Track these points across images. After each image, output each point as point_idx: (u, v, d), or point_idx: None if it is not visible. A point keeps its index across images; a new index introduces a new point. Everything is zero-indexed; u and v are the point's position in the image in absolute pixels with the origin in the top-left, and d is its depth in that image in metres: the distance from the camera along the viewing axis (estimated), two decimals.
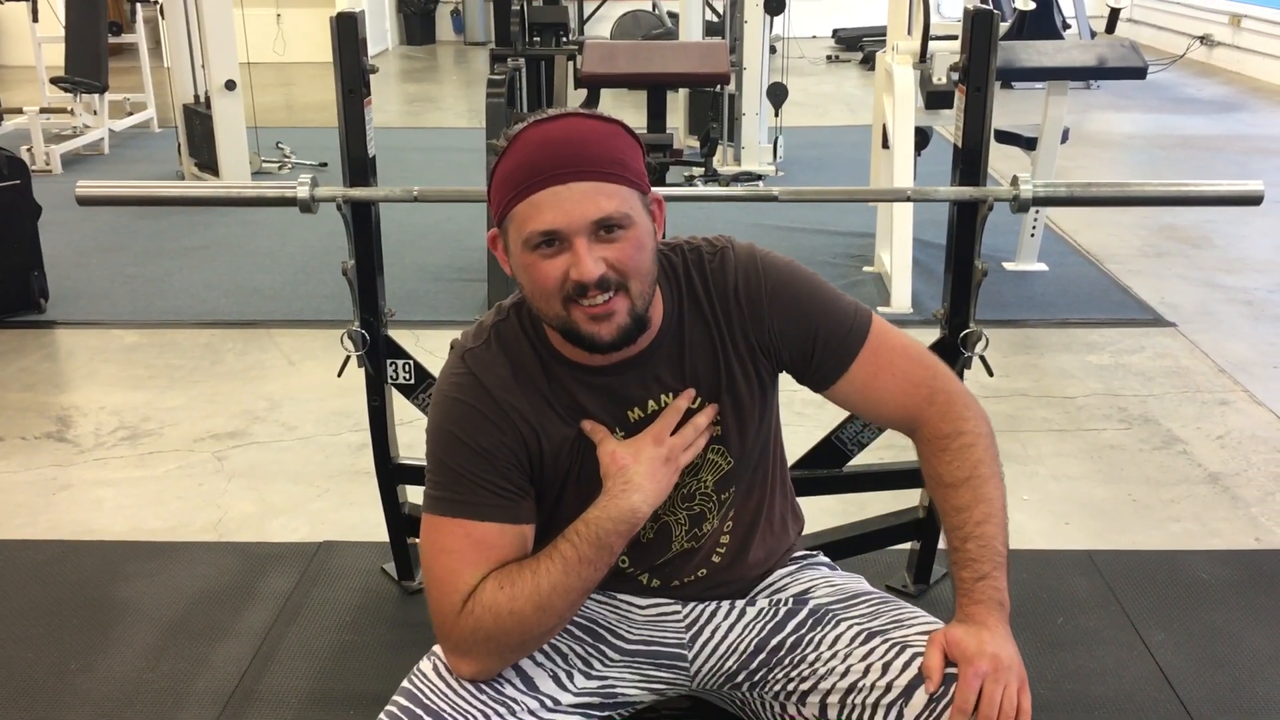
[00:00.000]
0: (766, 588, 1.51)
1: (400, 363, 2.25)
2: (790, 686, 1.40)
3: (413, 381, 2.25)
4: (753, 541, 1.49)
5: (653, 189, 1.35)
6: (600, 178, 1.26)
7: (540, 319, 1.36)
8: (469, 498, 1.33)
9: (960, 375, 2.18)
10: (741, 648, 1.45)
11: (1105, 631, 2.28)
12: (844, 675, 1.35)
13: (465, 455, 1.34)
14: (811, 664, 1.39)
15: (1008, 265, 4.60)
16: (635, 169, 1.30)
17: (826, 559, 1.60)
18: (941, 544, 2.37)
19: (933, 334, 2.23)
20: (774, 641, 1.43)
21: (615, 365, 1.37)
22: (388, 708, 1.31)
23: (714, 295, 1.41)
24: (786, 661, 1.41)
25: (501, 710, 1.32)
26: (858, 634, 1.38)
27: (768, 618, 1.45)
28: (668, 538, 1.45)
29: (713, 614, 1.47)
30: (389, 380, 2.26)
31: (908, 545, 2.43)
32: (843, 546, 2.27)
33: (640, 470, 1.33)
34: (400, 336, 2.29)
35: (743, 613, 1.47)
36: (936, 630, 1.31)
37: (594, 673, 1.42)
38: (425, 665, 1.36)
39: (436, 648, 1.36)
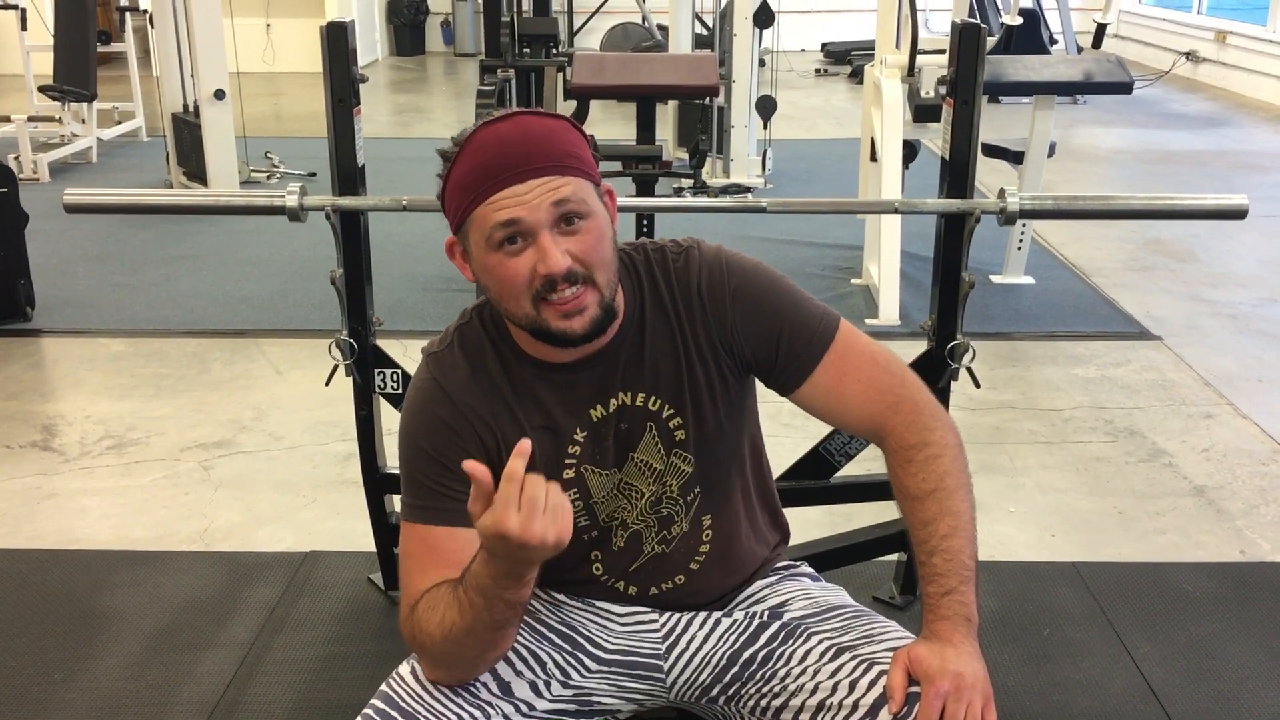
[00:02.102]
0: (745, 599, 1.50)
1: (388, 372, 2.24)
2: (763, 702, 1.38)
3: (401, 391, 2.25)
4: (732, 550, 1.48)
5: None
6: (555, 171, 1.26)
7: (505, 319, 1.36)
8: (425, 502, 1.34)
9: (947, 387, 2.19)
10: (715, 660, 1.44)
11: (1091, 643, 2.28)
12: (813, 692, 1.33)
13: (421, 460, 1.35)
14: (782, 679, 1.37)
15: (995, 278, 4.62)
16: (587, 160, 1.31)
17: (810, 569, 1.59)
18: None
19: (920, 346, 2.24)
20: (746, 655, 1.42)
21: (578, 362, 1.36)
22: (365, 710, 1.31)
23: (676, 293, 1.40)
24: (758, 676, 1.40)
25: (477, 714, 1.31)
26: (827, 649, 1.36)
27: (741, 630, 1.44)
28: (639, 542, 1.44)
29: (689, 624, 1.47)
30: (377, 390, 2.26)
31: (895, 556, 2.43)
32: (830, 558, 2.27)
33: (516, 532, 1.15)
34: (388, 346, 2.29)
35: (718, 623, 1.46)
36: (902, 647, 1.30)
37: (571, 682, 1.42)
38: (404, 669, 1.36)
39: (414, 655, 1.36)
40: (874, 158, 4.54)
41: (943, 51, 4.30)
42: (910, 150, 4.49)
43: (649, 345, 1.39)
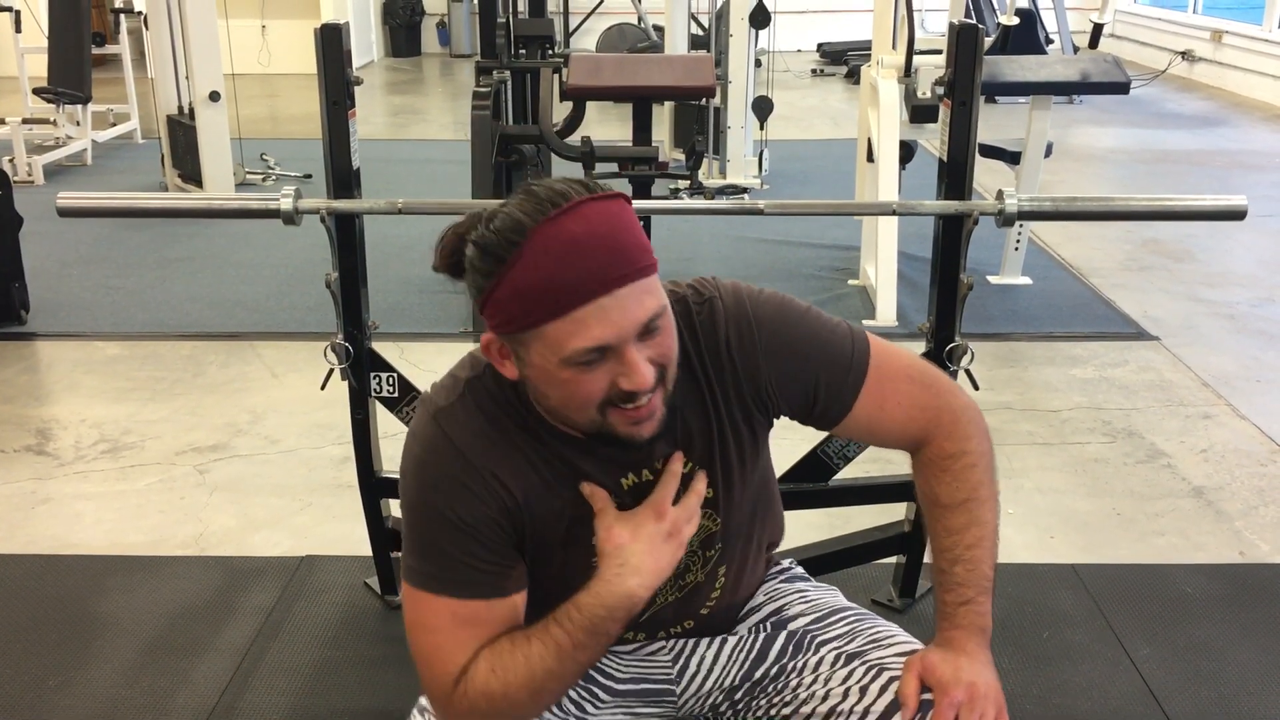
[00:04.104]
0: (746, 612, 1.49)
1: (384, 376, 2.23)
2: (773, 712, 1.38)
3: (396, 395, 2.24)
4: (740, 587, 1.46)
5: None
6: (639, 275, 1.14)
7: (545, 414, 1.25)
8: (452, 575, 1.24)
9: None
10: (727, 681, 1.43)
11: (1090, 646, 2.28)
12: (824, 699, 1.33)
13: (446, 529, 1.24)
14: (794, 689, 1.37)
15: (992, 279, 4.61)
16: (649, 245, 1.19)
17: (800, 569, 1.58)
18: (927, 558, 2.37)
19: (918, 347, 2.23)
20: (758, 673, 1.41)
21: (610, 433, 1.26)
22: None
23: (705, 354, 1.31)
24: (770, 690, 1.40)
25: None
26: (836, 657, 1.36)
27: (749, 647, 1.43)
28: (652, 596, 1.41)
29: (695, 646, 1.45)
30: (372, 393, 2.25)
31: (893, 559, 2.42)
32: (828, 561, 2.27)
33: (638, 550, 1.23)
34: (384, 349, 2.27)
35: (724, 642, 1.45)
36: (913, 653, 1.30)
37: (587, 716, 1.39)
38: (418, 717, 1.33)
39: (423, 700, 1.32)
40: (871, 158, 4.54)
41: (939, 52, 4.29)
42: (907, 151, 4.48)
43: (680, 410, 1.30)
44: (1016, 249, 4.58)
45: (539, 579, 1.31)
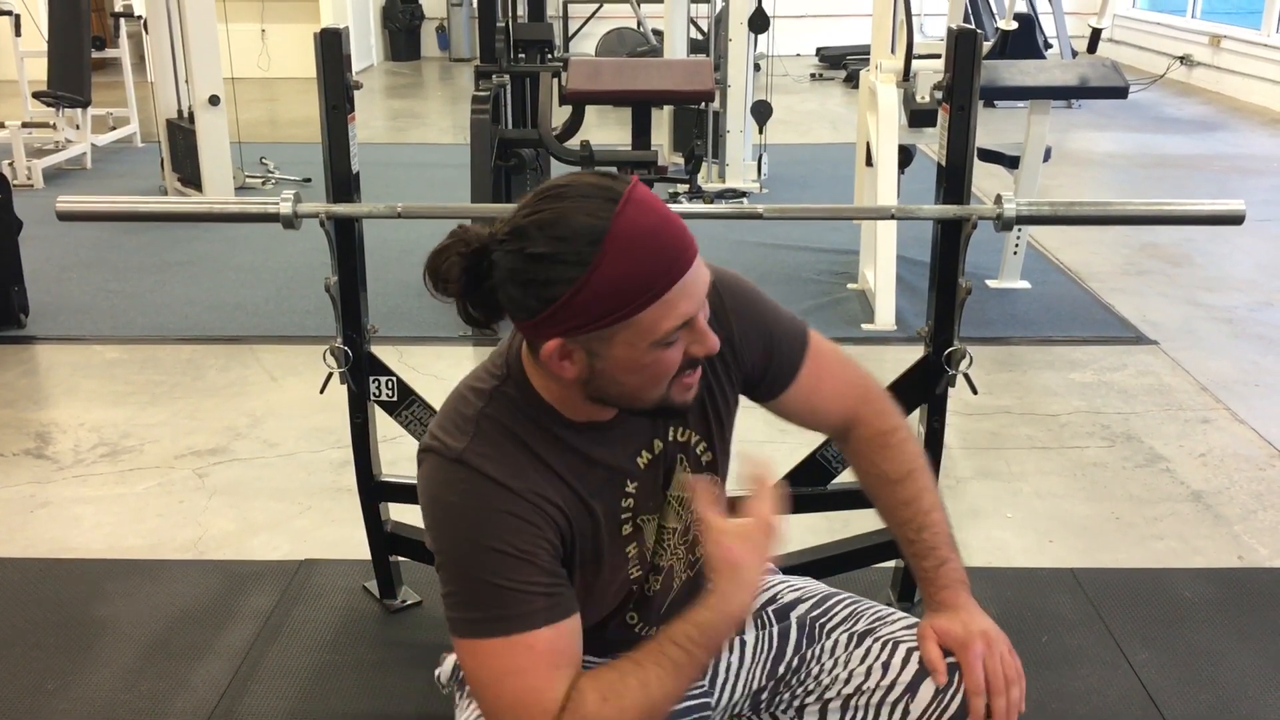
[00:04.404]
0: None
1: (383, 379, 2.23)
2: (796, 702, 1.42)
3: (395, 399, 2.24)
4: None
5: None
6: (693, 246, 1.19)
7: (538, 400, 1.26)
8: (518, 610, 1.20)
9: (944, 393, 2.19)
10: (754, 681, 1.46)
11: (1089, 650, 2.28)
12: (848, 681, 1.38)
13: (503, 565, 1.20)
14: (816, 676, 1.41)
15: (991, 283, 4.62)
16: None
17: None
18: None
19: (917, 352, 2.23)
20: (780, 668, 1.44)
21: (620, 415, 1.30)
22: None
23: None
24: (794, 682, 1.43)
25: None
26: (849, 639, 1.41)
27: (767, 645, 1.45)
28: (670, 579, 1.42)
29: (718, 656, 1.44)
30: (372, 397, 2.25)
31: (893, 563, 2.42)
32: (827, 565, 2.26)
33: (755, 567, 1.22)
34: (383, 353, 2.28)
35: (743, 645, 1.47)
36: (918, 624, 1.37)
37: None
38: None
39: None
40: (870, 163, 4.54)
41: (938, 56, 4.30)
42: (906, 155, 4.48)
43: None
44: (1015, 253, 4.59)
45: (583, 588, 1.32)
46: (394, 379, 2.24)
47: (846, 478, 2.23)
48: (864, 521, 2.41)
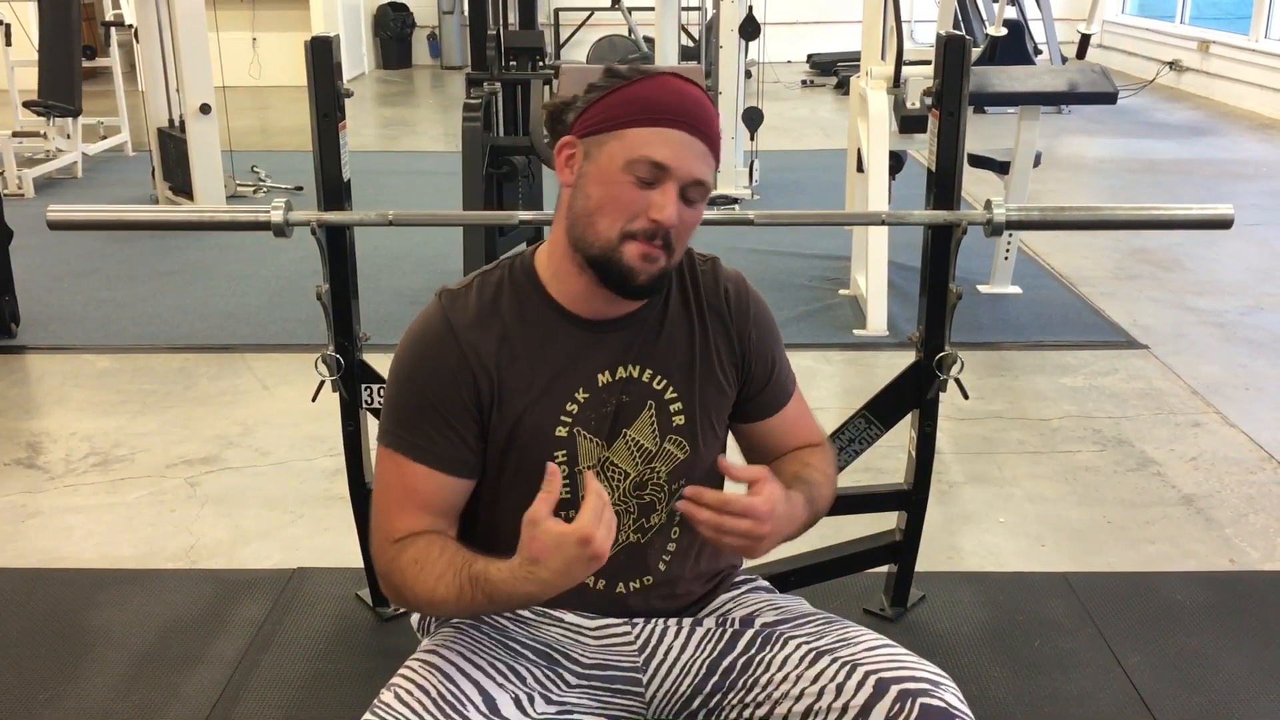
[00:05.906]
0: (713, 609, 1.52)
1: (375, 387, 2.23)
2: (745, 713, 1.39)
3: None
4: (695, 552, 1.51)
5: None
6: (712, 147, 1.37)
7: (572, 244, 1.38)
8: (409, 437, 1.39)
9: (936, 398, 2.20)
10: (694, 670, 1.44)
11: (1082, 654, 2.28)
12: (798, 699, 1.35)
13: (414, 399, 1.39)
14: (764, 687, 1.39)
15: (982, 288, 4.63)
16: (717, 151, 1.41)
17: (766, 583, 1.62)
18: (919, 566, 2.38)
19: (908, 357, 2.24)
20: (725, 663, 1.43)
21: (600, 323, 1.42)
22: None
23: (703, 295, 1.49)
24: (739, 684, 1.41)
25: None
26: (806, 654, 1.39)
27: (717, 637, 1.45)
28: (615, 527, 1.43)
29: (663, 634, 1.47)
30: (364, 405, 2.25)
31: (885, 569, 2.42)
32: (819, 570, 2.26)
33: (551, 568, 1.23)
34: (375, 361, 2.27)
35: (692, 632, 1.47)
36: (883, 648, 1.36)
37: (553, 697, 1.41)
38: (387, 695, 1.33)
39: (395, 678, 1.35)
40: (860, 169, 4.55)
41: (928, 63, 4.30)
42: (896, 161, 4.50)
43: (668, 329, 1.46)
44: (1006, 258, 4.60)
45: (491, 480, 1.44)
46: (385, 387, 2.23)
47: (843, 480, 2.23)
48: (856, 527, 2.42)
